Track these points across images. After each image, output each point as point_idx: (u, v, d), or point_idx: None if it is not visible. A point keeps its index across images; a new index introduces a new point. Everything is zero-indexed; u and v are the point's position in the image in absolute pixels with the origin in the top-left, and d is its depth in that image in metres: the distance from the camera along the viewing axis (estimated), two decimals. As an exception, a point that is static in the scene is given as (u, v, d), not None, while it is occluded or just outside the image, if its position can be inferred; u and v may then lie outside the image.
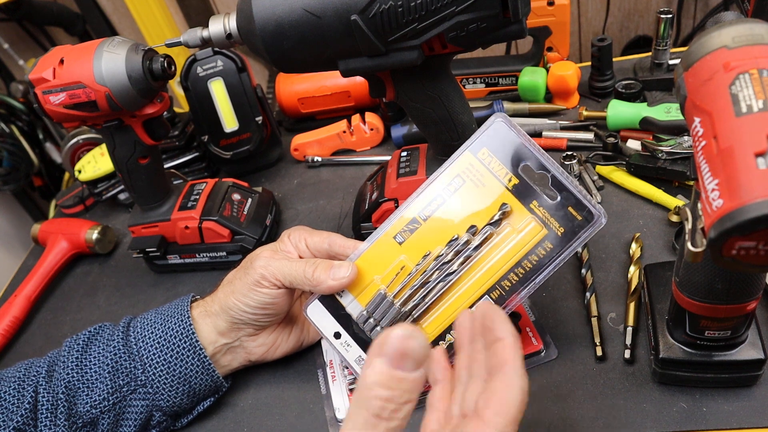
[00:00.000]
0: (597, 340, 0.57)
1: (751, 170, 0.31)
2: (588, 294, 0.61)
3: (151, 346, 0.58)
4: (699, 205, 0.35)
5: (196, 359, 0.58)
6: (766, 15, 0.72)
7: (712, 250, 0.34)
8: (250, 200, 0.81)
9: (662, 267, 0.57)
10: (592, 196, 0.72)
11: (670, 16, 0.81)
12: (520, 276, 0.53)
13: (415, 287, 0.54)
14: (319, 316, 0.56)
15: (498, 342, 0.39)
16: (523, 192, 0.53)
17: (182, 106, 1.37)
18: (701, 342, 0.49)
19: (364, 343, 0.56)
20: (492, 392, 0.38)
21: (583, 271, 0.64)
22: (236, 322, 0.59)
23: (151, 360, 0.58)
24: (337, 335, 0.56)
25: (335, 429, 0.57)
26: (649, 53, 0.88)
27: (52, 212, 1.19)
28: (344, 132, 0.94)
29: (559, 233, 0.52)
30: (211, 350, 0.59)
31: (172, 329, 0.59)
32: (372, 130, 0.94)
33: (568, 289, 0.64)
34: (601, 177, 0.75)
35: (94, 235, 0.88)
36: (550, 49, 0.91)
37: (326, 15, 0.51)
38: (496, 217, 0.53)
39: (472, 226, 0.53)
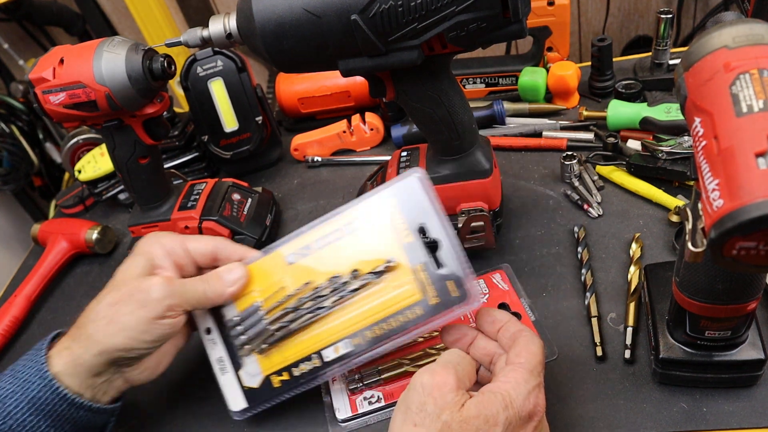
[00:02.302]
0: (597, 340, 0.57)
1: (752, 170, 0.31)
2: (588, 294, 0.61)
3: (24, 421, 0.50)
4: (699, 205, 0.35)
5: (82, 411, 0.52)
6: (766, 15, 0.72)
7: (713, 251, 0.34)
8: (250, 200, 0.81)
9: (662, 267, 0.57)
10: (592, 196, 0.73)
11: (670, 16, 0.81)
12: (384, 331, 0.53)
13: (288, 311, 0.55)
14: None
15: (505, 324, 0.49)
16: (413, 252, 0.52)
17: (182, 106, 1.37)
18: (701, 342, 0.49)
19: (230, 345, 0.57)
20: (519, 348, 0.47)
21: (583, 271, 0.64)
22: (120, 360, 0.53)
23: None
24: (208, 330, 0.58)
25: (335, 429, 0.57)
26: (649, 53, 0.88)
27: (52, 212, 1.19)
28: (344, 132, 0.94)
29: (431, 302, 0.51)
30: (89, 395, 0.53)
31: (41, 397, 0.51)
32: (372, 130, 0.94)
33: (568, 289, 0.64)
34: (601, 177, 0.75)
35: (94, 235, 0.88)
36: (550, 49, 0.91)
37: (326, 15, 0.51)
38: (380, 269, 0.53)
39: (356, 270, 0.54)
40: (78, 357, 0.52)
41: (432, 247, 0.52)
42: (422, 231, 0.52)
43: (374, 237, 0.54)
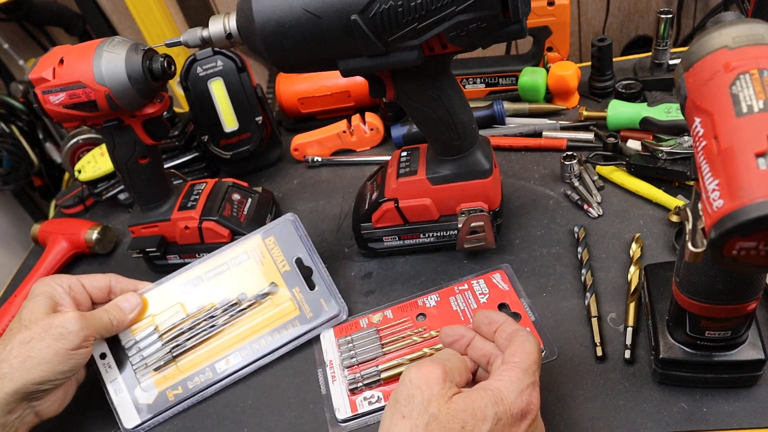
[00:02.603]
0: (597, 340, 0.57)
1: (752, 171, 0.31)
2: (588, 294, 0.61)
3: None
4: (699, 206, 0.35)
5: None
6: (766, 15, 0.72)
7: (713, 251, 0.34)
8: (250, 200, 0.81)
9: (662, 267, 0.57)
10: (592, 196, 0.73)
11: (670, 16, 0.81)
12: (268, 342, 0.64)
13: (182, 330, 0.64)
14: None
15: (501, 324, 0.50)
16: (291, 278, 0.66)
17: (182, 106, 1.37)
18: (701, 342, 0.49)
19: (124, 368, 0.64)
20: (515, 347, 0.47)
21: (583, 271, 0.64)
22: (34, 393, 0.55)
23: None
24: (103, 356, 0.64)
25: (335, 429, 0.57)
26: (649, 53, 0.88)
27: (52, 212, 1.19)
28: (344, 132, 0.94)
29: (308, 317, 0.65)
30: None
31: None
32: (372, 130, 0.94)
33: (568, 289, 0.64)
34: (601, 177, 0.75)
35: (94, 235, 0.88)
36: (550, 49, 0.91)
37: (326, 15, 0.51)
38: (264, 291, 0.65)
39: (243, 293, 0.65)
40: None
41: (306, 273, 0.66)
42: (299, 261, 0.66)
43: (258, 267, 0.66)
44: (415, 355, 0.59)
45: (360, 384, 0.59)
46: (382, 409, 0.57)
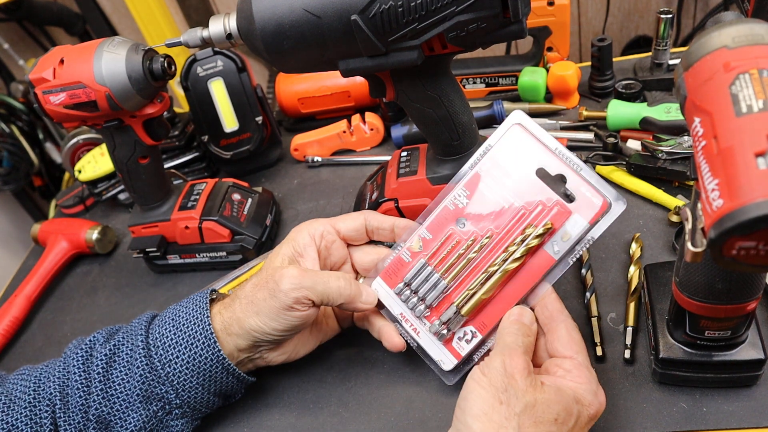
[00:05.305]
0: (597, 340, 0.57)
1: (752, 170, 0.31)
2: (588, 294, 0.61)
3: (180, 371, 0.54)
4: (699, 205, 0.35)
5: (230, 377, 0.56)
6: (766, 15, 0.72)
7: (713, 251, 0.34)
8: (250, 200, 0.81)
9: (662, 267, 0.57)
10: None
11: (670, 16, 0.81)
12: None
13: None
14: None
15: (545, 298, 0.53)
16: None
17: (182, 106, 1.37)
18: (701, 342, 0.49)
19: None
20: (567, 340, 0.50)
21: (583, 271, 0.64)
22: (258, 341, 0.55)
23: (183, 384, 0.54)
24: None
25: (448, 378, 0.56)
26: (649, 53, 0.88)
27: (52, 212, 1.19)
28: (344, 132, 0.94)
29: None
30: (234, 363, 0.57)
31: (200, 354, 0.54)
32: (372, 130, 0.94)
33: (568, 289, 0.64)
34: (601, 177, 0.75)
35: (94, 235, 0.88)
36: (550, 49, 0.91)
37: (326, 15, 0.51)
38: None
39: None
40: (230, 327, 0.55)
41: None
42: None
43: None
44: (491, 274, 0.53)
45: (445, 331, 0.55)
46: (483, 343, 0.54)
